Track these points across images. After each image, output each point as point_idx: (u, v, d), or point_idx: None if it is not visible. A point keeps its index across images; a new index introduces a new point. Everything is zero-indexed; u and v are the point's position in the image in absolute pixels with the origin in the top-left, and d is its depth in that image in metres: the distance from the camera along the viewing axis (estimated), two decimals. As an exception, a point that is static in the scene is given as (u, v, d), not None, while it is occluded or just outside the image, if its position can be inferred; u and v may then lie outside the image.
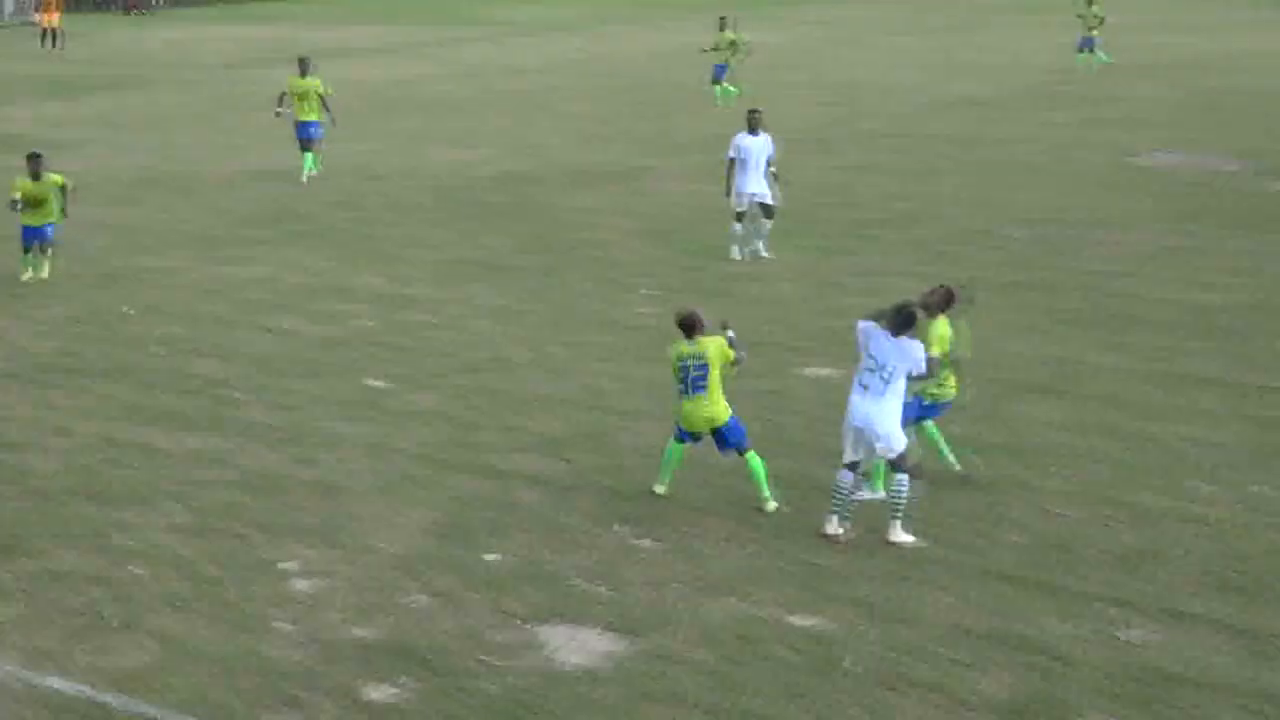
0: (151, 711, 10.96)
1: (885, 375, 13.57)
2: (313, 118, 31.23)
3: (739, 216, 24.29)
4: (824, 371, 18.24)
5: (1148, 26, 61.74)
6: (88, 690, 11.27)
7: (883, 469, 14.22)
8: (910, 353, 13.61)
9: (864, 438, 13.67)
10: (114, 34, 71.01)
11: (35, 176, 23.38)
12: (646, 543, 13.72)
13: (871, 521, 13.87)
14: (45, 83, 49.97)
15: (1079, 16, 49.22)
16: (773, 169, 24.18)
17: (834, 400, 15.13)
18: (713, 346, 14.35)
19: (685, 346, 14.41)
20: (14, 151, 28.11)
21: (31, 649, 11.90)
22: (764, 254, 24.22)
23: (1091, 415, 17.03)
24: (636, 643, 11.89)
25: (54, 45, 61.74)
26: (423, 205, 29.42)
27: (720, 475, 15.03)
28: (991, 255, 24.75)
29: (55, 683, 11.38)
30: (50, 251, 23.76)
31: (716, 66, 43.19)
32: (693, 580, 12.96)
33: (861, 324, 14.00)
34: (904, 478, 13.60)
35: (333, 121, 31.62)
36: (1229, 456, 15.68)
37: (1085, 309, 21.39)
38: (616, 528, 14.04)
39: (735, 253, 24.38)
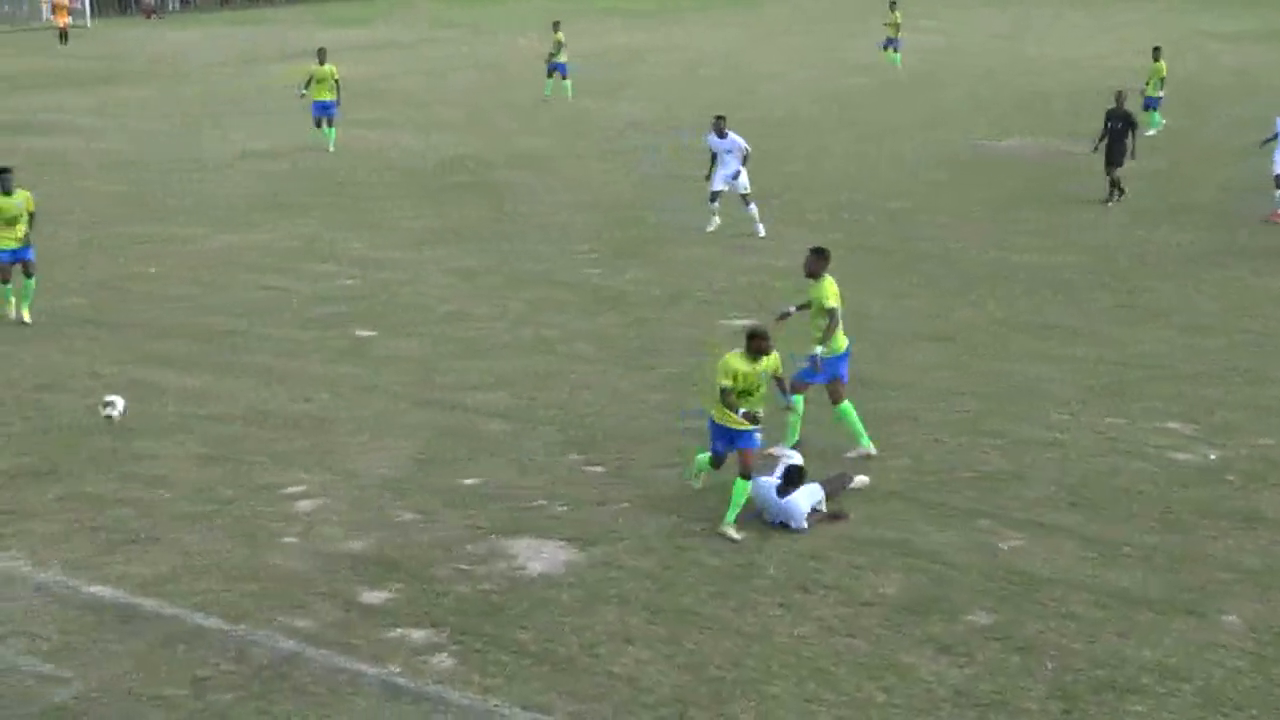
0: (177, 612, 10.74)
1: (782, 519, 12.37)
2: (329, 97, 32.72)
3: (713, 197, 23.77)
4: (738, 322, 18.01)
5: (968, 31, 61.70)
6: (122, 594, 11.04)
7: (798, 427, 13.70)
8: (793, 510, 12.30)
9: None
10: (134, 33, 69.73)
11: (6, 192, 18.25)
12: (595, 468, 13.58)
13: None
14: (54, 77, 49.11)
15: (886, 24, 49.95)
16: (746, 165, 23.66)
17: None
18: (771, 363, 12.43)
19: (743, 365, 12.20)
20: (36, 134, 27.45)
21: (71, 560, 11.66)
22: (760, 234, 23.29)
23: (966, 359, 17.00)
24: (589, 552, 11.75)
25: (64, 43, 60.88)
26: (395, 183, 29.01)
27: (651, 410, 14.89)
28: (866, 226, 24.57)
29: (94, 589, 11.13)
30: (34, 281, 18.65)
31: (556, 64, 41.33)
32: (635, 499, 12.83)
33: (760, 481, 12.35)
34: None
35: (338, 102, 33.01)
36: (1081, 393, 15.67)
37: (951, 272, 21.31)
38: (573, 456, 13.87)
39: (711, 225, 23.82)
